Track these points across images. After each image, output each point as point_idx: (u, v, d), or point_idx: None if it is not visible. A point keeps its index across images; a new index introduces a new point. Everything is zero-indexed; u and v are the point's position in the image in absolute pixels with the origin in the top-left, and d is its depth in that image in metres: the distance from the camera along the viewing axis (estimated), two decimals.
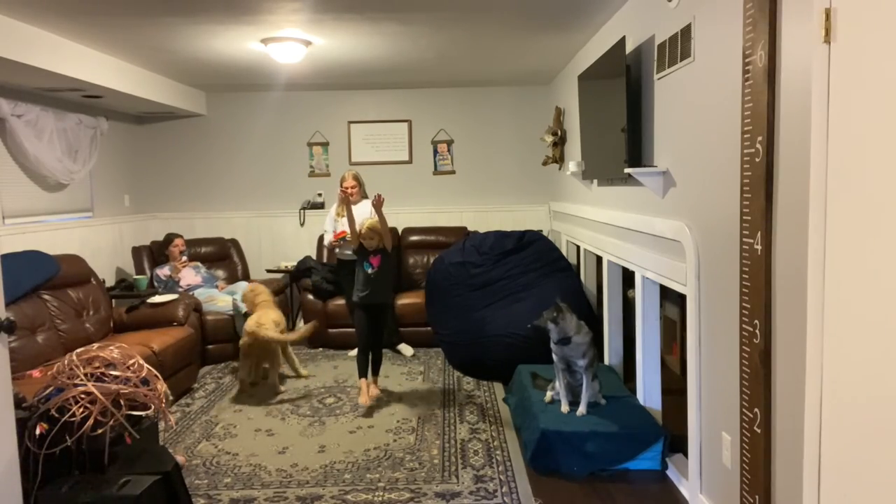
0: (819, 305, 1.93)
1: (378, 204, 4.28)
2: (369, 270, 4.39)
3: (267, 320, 4.69)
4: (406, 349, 5.71)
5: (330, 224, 5.48)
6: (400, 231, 6.70)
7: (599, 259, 4.81)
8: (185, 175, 6.91)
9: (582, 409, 3.56)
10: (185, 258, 5.99)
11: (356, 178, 5.37)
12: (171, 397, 3.01)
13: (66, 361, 2.77)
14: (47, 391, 2.70)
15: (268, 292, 5.10)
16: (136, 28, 4.16)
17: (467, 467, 3.43)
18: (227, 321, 5.52)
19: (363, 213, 4.94)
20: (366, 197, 5.46)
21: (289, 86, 6.47)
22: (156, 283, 5.81)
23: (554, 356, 3.69)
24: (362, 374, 4.47)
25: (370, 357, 4.53)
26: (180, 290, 5.69)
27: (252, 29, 4.24)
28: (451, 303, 5.16)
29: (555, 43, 4.88)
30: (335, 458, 3.57)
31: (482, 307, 5.01)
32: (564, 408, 3.61)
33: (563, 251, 5.80)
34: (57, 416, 2.57)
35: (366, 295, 4.40)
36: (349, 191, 5.18)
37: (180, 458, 3.30)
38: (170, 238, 6.08)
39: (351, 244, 4.65)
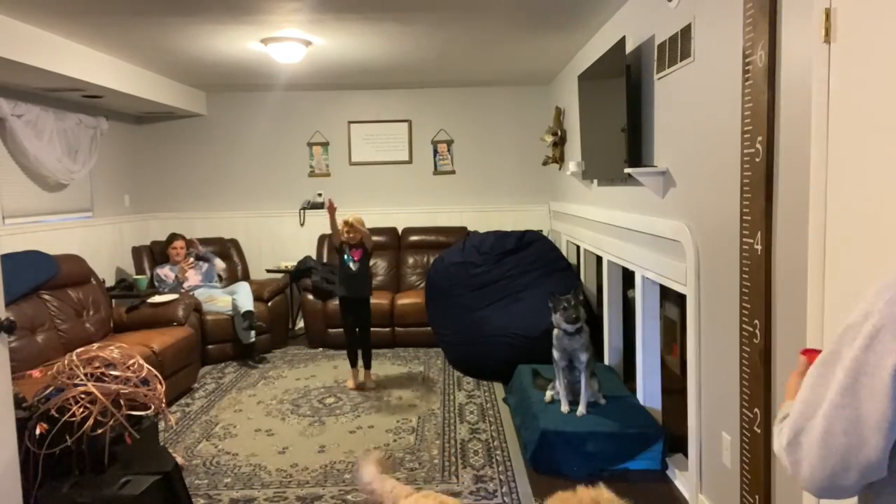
0: (819, 305, 1.93)
1: (331, 210, 4.69)
2: (351, 265, 4.72)
3: None
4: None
5: None
6: (400, 231, 6.72)
7: (599, 259, 4.80)
8: (186, 175, 6.90)
9: (582, 409, 3.56)
10: (191, 259, 5.97)
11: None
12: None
13: (66, 361, 2.77)
14: (47, 391, 2.70)
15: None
16: (136, 28, 4.16)
17: (467, 467, 3.44)
18: (227, 321, 5.52)
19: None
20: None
21: (289, 86, 6.47)
22: (156, 283, 5.81)
23: (555, 353, 3.68)
24: (352, 364, 4.88)
25: (359, 350, 4.89)
26: (183, 290, 5.69)
27: (252, 29, 4.24)
28: (451, 303, 5.16)
29: (555, 43, 4.88)
30: (335, 458, 3.57)
31: (482, 307, 5.01)
32: (564, 408, 3.61)
33: (563, 251, 5.80)
34: (57, 416, 2.57)
35: (348, 290, 4.77)
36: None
37: (178, 459, 3.29)
38: (170, 238, 6.06)
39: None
